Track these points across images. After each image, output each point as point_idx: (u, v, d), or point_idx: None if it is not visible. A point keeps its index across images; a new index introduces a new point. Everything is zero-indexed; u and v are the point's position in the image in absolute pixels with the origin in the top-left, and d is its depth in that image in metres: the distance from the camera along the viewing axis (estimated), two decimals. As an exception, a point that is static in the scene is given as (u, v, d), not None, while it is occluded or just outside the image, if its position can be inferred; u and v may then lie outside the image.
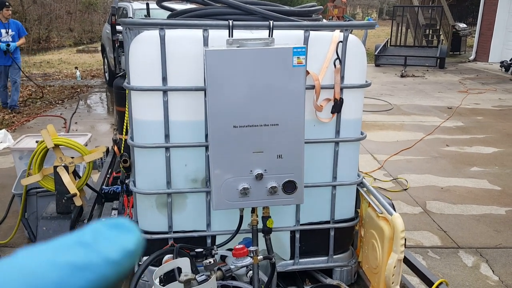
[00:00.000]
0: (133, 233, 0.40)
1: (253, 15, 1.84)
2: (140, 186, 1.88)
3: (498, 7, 12.95)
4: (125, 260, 0.38)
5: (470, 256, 3.18)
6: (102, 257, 0.37)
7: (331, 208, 2.02)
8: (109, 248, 0.38)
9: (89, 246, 0.38)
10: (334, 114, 1.88)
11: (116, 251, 0.38)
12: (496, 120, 6.89)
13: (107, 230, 0.39)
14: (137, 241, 0.40)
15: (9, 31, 6.94)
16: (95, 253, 0.37)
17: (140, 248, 0.41)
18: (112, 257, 0.38)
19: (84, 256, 0.37)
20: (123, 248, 0.38)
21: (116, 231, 0.39)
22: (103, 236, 0.39)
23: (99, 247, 0.38)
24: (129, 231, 0.40)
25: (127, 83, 1.80)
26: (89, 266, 0.36)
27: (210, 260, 1.71)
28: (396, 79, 10.69)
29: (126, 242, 0.39)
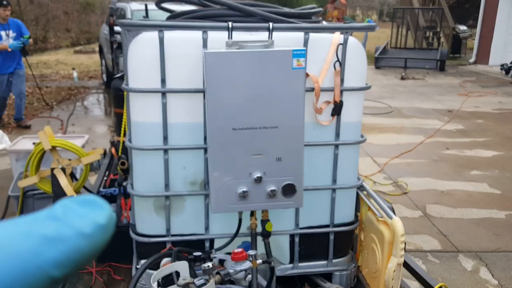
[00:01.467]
0: (103, 209, 0.41)
1: (252, 17, 1.83)
2: (138, 189, 1.87)
3: (499, 9, 12.96)
4: (98, 234, 0.39)
5: (469, 260, 3.17)
6: (74, 230, 0.39)
7: (330, 211, 2.00)
8: (80, 222, 0.39)
9: (60, 220, 0.39)
10: (334, 117, 1.86)
11: (87, 225, 0.39)
12: (496, 124, 6.88)
13: (77, 206, 0.40)
14: (108, 216, 0.41)
15: (9, 32, 6.11)
16: (66, 227, 0.39)
17: (112, 223, 0.41)
18: (84, 230, 0.39)
19: (55, 229, 0.38)
20: (95, 223, 0.39)
21: (86, 207, 0.40)
22: (73, 211, 0.40)
23: (70, 221, 0.39)
24: (99, 207, 0.41)
25: (126, 84, 1.78)
26: (61, 238, 0.38)
27: (209, 264, 1.69)
28: (396, 81, 10.68)
29: (97, 217, 0.40)
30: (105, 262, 2.28)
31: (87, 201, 0.43)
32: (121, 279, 2.20)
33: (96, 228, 0.40)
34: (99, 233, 0.40)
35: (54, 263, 0.36)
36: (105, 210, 0.43)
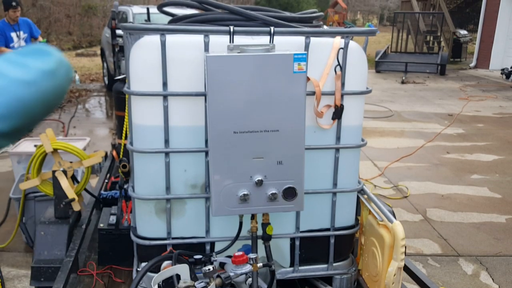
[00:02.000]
0: (49, 55, 0.40)
1: (254, 21, 1.84)
2: (139, 192, 1.87)
3: (499, 14, 13.00)
4: (43, 80, 0.38)
5: (470, 264, 3.16)
6: (12, 79, 0.37)
7: (331, 215, 2.01)
8: (19, 71, 0.38)
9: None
10: (334, 121, 1.87)
11: (29, 72, 0.38)
12: (497, 128, 6.88)
13: (18, 57, 0.39)
14: (55, 61, 0.40)
15: (20, 33, 5.66)
16: (3, 78, 0.38)
17: (63, 68, 0.40)
18: (25, 78, 0.37)
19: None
20: (38, 69, 0.38)
21: (29, 56, 0.39)
22: (13, 62, 0.39)
23: (8, 71, 0.37)
24: (44, 54, 0.40)
25: (127, 87, 1.79)
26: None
27: (209, 267, 1.69)
28: (396, 85, 10.70)
29: (42, 63, 0.39)
30: (106, 265, 2.29)
31: (31, 51, 0.43)
32: (121, 282, 2.20)
33: (40, 74, 0.39)
34: (45, 79, 0.39)
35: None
36: (52, 56, 0.42)
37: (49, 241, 2.25)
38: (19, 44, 5.57)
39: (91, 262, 2.30)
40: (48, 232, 2.27)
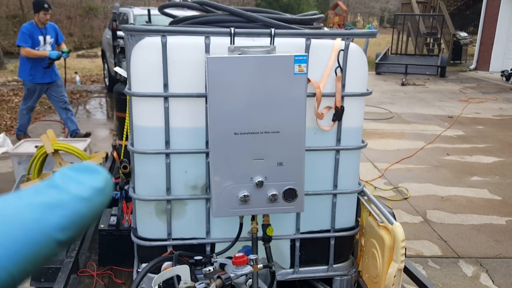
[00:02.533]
0: (99, 173, 0.44)
1: (254, 23, 1.85)
2: (139, 192, 1.87)
3: (499, 16, 13.02)
4: (96, 197, 0.43)
5: (470, 266, 3.17)
6: (72, 195, 0.42)
7: (331, 216, 2.01)
8: (78, 187, 0.43)
9: (59, 187, 0.42)
10: (335, 122, 1.87)
11: (85, 189, 0.43)
12: (497, 130, 6.89)
13: (74, 173, 0.44)
14: (105, 179, 0.44)
15: (47, 38, 5.49)
16: (65, 193, 0.42)
17: (109, 186, 0.45)
18: (82, 194, 0.42)
19: (55, 196, 0.41)
20: (92, 186, 0.43)
21: (83, 173, 0.43)
22: (71, 178, 0.44)
23: (68, 187, 0.42)
24: (95, 172, 0.44)
25: (128, 89, 1.80)
26: (61, 204, 0.41)
27: (210, 268, 1.69)
28: (396, 87, 10.71)
29: (94, 181, 0.43)
30: (106, 266, 2.29)
31: (84, 168, 0.47)
32: (122, 283, 2.20)
33: (94, 192, 0.43)
34: (97, 196, 0.43)
35: (58, 227, 0.39)
36: (102, 174, 0.47)
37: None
38: (44, 48, 5.41)
39: (91, 263, 2.30)
40: (49, 232, 2.27)
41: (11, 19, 18.63)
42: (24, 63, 5.28)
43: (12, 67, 13.04)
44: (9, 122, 6.86)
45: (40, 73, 5.34)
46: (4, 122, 6.87)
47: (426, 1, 18.21)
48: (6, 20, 18.45)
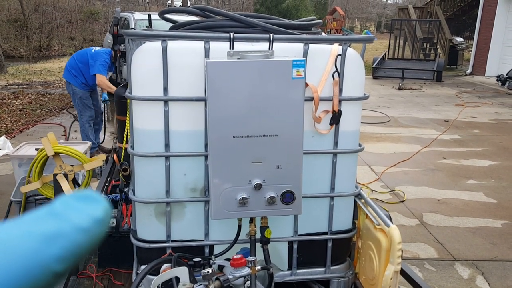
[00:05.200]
0: (99, 203, 0.43)
1: (253, 28, 1.88)
2: (139, 195, 1.90)
3: (495, 21, 13.12)
4: (95, 227, 0.42)
5: (466, 269, 3.19)
6: (73, 225, 0.40)
7: (329, 219, 2.03)
8: (78, 217, 0.41)
9: (59, 217, 0.40)
10: (332, 126, 1.90)
11: (85, 219, 0.41)
12: (493, 134, 6.94)
13: (75, 202, 0.42)
14: (104, 209, 0.43)
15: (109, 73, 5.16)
16: (65, 222, 0.40)
17: (108, 216, 0.44)
18: (82, 225, 0.41)
19: (55, 226, 0.40)
20: (92, 217, 0.42)
21: (83, 202, 0.43)
22: (71, 207, 0.42)
23: (69, 216, 0.41)
24: (95, 201, 0.44)
25: (129, 92, 1.82)
26: (61, 234, 0.39)
27: (208, 269, 1.72)
28: (393, 91, 10.77)
29: (94, 211, 0.42)
30: (105, 267, 2.30)
31: (84, 197, 0.46)
32: (121, 284, 2.22)
33: (93, 222, 0.42)
34: (96, 227, 0.42)
35: (56, 258, 0.38)
36: (101, 204, 0.45)
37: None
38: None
39: (91, 265, 2.32)
40: (49, 235, 2.28)
41: (12, 23, 18.65)
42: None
43: (13, 71, 13.04)
44: (10, 125, 6.87)
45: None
46: (4, 125, 6.87)
47: (422, 7, 18.34)
48: (7, 24, 18.47)
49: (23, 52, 17.84)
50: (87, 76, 4.93)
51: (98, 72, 4.73)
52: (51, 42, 19.61)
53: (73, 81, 4.98)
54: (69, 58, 5.18)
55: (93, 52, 4.89)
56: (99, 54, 4.83)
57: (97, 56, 4.80)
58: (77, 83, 4.98)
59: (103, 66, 4.77)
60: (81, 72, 4.94)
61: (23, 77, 11.89)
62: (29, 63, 14.91)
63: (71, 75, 4.99)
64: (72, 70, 4.97)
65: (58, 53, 18.90)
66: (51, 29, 19.83)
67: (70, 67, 5.00)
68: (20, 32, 18.67)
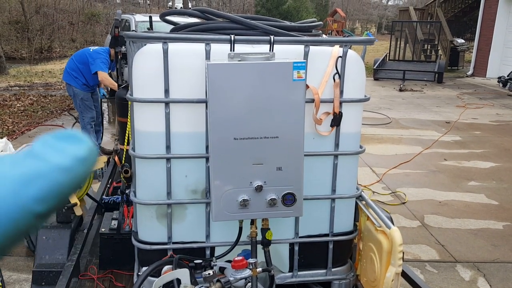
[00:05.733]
0: (82, 142, 0.42)
1: (254, 30, 1.88)
2: (140, 197, 1.90)
3: (496, 23, 13.12)
4: (77, 167, 0.40)
5: (467, 270, 3.18)
6: (52, 165, 0.39)
7: (330, 221, 2.03)
8: (58, 156, 0.40)
9: (38, 157, 0.40)
10: (333, 128, 1.90)
11: (66, 159, 0.40)
12: (494, 135, 6.93)
13: (55, 141, 0.41)
14: (87, 149, 0.42)
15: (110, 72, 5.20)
16: (44, 162, 0.39)
17: (92, 156, 0.43)
18: (63, 164, 0.40)
19: (34, 166, 0.39)
20: (73, 156, 0.40)
21: (65, 141, 0.41)
22: (51, 146, 0.41)
23: (48, 156, 0.40)
24: (78, 141, 0.42)
25: (130, 94, 1.83)
26: (40, 174, 0.38)
27: (209, 271, 1.72)
28: (394, 93, 10.77)
29: (76, 150, 0.41)
30: (107, 269, 2.30)
31: (66, 136, 0.44)
32: (122, 286, 2.22)
33: (75, 161, 0.40)
34: (79, 166, 0.40)
35: (36, 199, 0.37)
36: (84, 144, 0.44)
37: (51, 245, 2.27)
38: None
39: (92, 267, 2.32)
40: (50, 236, 2.29)
41: (13, 25, 18.71)
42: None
43: (14, 72, 13.07)
44: (11, 126, 6.88)
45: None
46: (6, 126, 6.89)
47: (423, 8, 18.35)
48: (8, 25, 18.53)
49: (25, 53, 17.89)
50: (87, 76, 4.94)
51: (100, 69, 4.75)
52: (52, 44, 19.67)
53: (74, 83, 4.99)
54: (68, 60, 5.18)
55: (91, 51, 4.91)
56: (98, 52, 4.86)
57: (96, 54, 4.83)
58: (78, 85, 4.98)
59: (104, 63, 4.79)
60: (81, 73, 4.95)
61: (24, 78, 11.92)
62: (31, 65, 14.95)
63: (72, 77, 4.99)
64: (72, 72, 4.98)
65: (59, 55, 18.95)
66: (52, 31, 19.89)
67: (70, 69, 5.00)
68: (21, 34, 18.72)
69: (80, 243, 2.31)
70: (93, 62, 4.77)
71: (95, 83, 5.02)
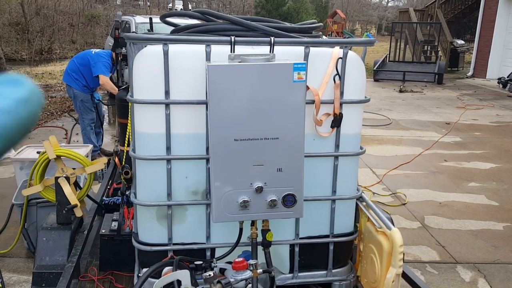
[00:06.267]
0: (23, 84, 0.43)
1: (254, 32, 1.88)
2: (140, 198, 1.90)
3: (496, 24, 13.13)
4: (20, 108, 0.41)
5: (468, 271, 3.18)
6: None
7: (330, 222, 2.03)
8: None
9: None
10: (333, 129, 1.90)
11: (7, 101, 0.41)
12: (494, 136, 6.93)
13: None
14: (29, 89, 0.43)
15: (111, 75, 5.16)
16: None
17: (35, 96, 0.43)
18: (4, 107, 0.40)
19: None
20: (15, 98, 0.41)
21: (4, 85, 0.42)
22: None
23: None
24: (18, 83, 0.43)
25: (131, 96, 1.83)
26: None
27: (210, 273, 1.72)
28: (394, 94, 10.77)
29: (17, 92, 0.42)
30: (107, 270, 2.30)
31: (6, 80, 0.45)
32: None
33: (17, 103, 0.41)
34: (22, 107, 0.41)
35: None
36: (25, 85, 0.45)
37: (51, 246, 2.27)
38: None
39: (92, 268, 2.32)
40: (50, 238, 2.29)
41: (13, 26, 18.74)
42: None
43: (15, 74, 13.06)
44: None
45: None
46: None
47: (423, 9, 18.37)
48: (9, 27, 18.55)
49: (25, 55, 17.90)
50: (88, 78, 4.94)
51: (101, 73, 4.74)
52: (53, 45, 19.69)
53: (74, 84, 4.99)
54: (69, 61, 5.18)
55: (93, 54, 4.89)
56: (100, 55, 4.84)
57: (98, 57, 4.81)
58: (78, 86, 4.98)
59: (106, 67, 4.78)
60: (82, 75, 4.94)
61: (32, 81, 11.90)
62: (31, 66, 14.96)
63: (72, 79, 4.99)
64: (72, 74, 4.97)
65: (60, 56, 18.96)
66: (52, 32, 19.91)
67: (70, 71, 5.00)
68: (21, 36, 18.74)
69: (80, 244, 2.31)
70: (95, 65, 4.77)
71: (95, 86, 5.02)
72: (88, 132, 5.15)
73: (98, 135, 5.42)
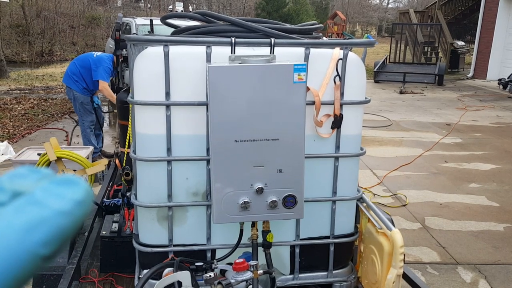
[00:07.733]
0: (79, 186, 0.45)
1: (255, 33, 1.89)
2: (141, 199, 1.90)
3: (496, 25, 13.14)
4: (77, 209, 0.43)
5: (468, 272, 3.18)
6: (54, 210, 0.42)
7: (331, 223, 2.03)
8: (59, 202, 0.42)
9: (40, 204, 0.42)
10: (334, 130, 1.91)
11: (66, 203, 0.42)
12: (494, 137, 6.93)
13: (55, 187, 0.44)
14: (84, 191, 0.45)
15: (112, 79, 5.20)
16: (46, 209, 0.41)
17: (89, 197, 0.46)
18: (63, 208, 0.42)
19: (37, 213, 0.41)
20: (72, 199, 0.43)
21: (63, 186, 0.44)
22: (51, 192, 0.43)
23: (49, 202, 0.42)
24: (75, 185, 0.45)
25: (131, 97, 1.83)
26: (43, 220, 0.41)
27: (210, 274, 1.72)
28: (395, 95, 10.78)
29: (74, 194, 0.44)
30: (108, 272, 2.30)
31: (64, 181, 0.47)
32: (123, 289, 2.22)
33: (74, 205, 0.44)
34: (78, 208, 0.44)
35: (41, 244, 0.40)
36: (81, 187, 0.47)
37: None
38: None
39: (93, 270, 2.32)
40: (51, 239, 2.28)
41: (14, 28, 18.78)
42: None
43: (15, 76, 13.10)
44: (12, 130, 6.89)
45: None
46: (7, 130, 6.90)
47: (423, 11, 18.38)
48: (9, 29, 18.59)
49: (25, 57, 17.94)
50: (88, 81, 4.94)
51: (101, 79, 4.74)
52: (53, 47, 19.73)
53: (74, 87, 4.99)
54: (70, 63, 5.18)
55: (95, 57, 4.89)
56: (102, 60, 4.84)
57: (100, 62, 4.81)
58: (78, 88, 4.99)
59: (106, 72, 4.78)
60: (82, 77, 4.95)
61: (25, 82, 11.94)
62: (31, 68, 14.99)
63: (72, 81, 5.00)
64: (73, 76, 4.98)
65: (60, 58, 19.00)
66: (53, 34, 19.95)
67: (71, 73, 5.00)
68: (22, 38, 18.78)
69: (81, 246, 2.31)
70: (96, 69, 4.77)
71: (95, 88, 5.02)
72: (88, 134, 5.15)
73: (98, 137, 5.42)
